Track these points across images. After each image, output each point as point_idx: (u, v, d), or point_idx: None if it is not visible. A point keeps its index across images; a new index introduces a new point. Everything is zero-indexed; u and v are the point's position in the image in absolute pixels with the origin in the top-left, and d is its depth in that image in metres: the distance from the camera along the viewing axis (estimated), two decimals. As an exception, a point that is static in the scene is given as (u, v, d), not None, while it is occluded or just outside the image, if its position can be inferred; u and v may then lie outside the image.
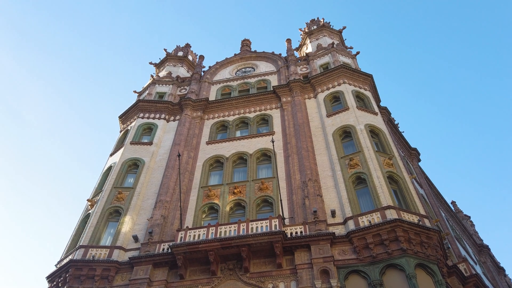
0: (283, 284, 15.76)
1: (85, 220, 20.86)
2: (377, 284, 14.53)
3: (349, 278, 15.27)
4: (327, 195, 19.10)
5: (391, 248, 15.24)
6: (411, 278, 14.22)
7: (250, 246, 16.44)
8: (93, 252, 17.85)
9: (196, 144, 25.08)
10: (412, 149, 29.64)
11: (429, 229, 15.72)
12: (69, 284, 16.93)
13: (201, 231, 17.54)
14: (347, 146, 21.44)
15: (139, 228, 19.72)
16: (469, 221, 34.00)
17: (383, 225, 15.63)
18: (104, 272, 17.17)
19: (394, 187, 18.52)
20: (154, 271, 17.09)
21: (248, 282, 16.01)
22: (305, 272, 15.64)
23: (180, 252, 16.71)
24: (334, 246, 16.31)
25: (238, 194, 20.62)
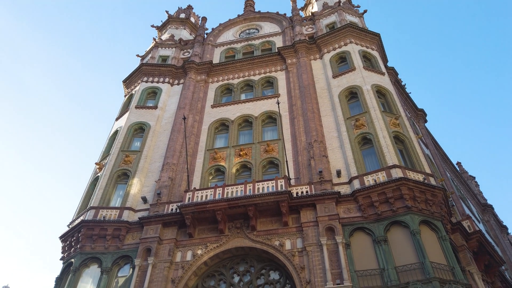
0: (289, 241, 16.15)
1: (94, 182, 21.27)
2: (381, 240, 14.86)
3: (354, 234, 15.61)
4: (333, 155, 19.17)
5: (396, 206, 15.45)
6: (415, 234, 14.51)
7: (256, 206, 16.74)
8: (103, 212, 18.34)
9: (201, 108, 25.01)
10: (418, 110, 29.36)
11: (434, 187, 15.84)
12: (82, 243, 17.52)
13: (208, 192, 17.83)
14: (353, 107, 21.26)
15: (147, 190, 20.10)
16: (473, 181, 34.19)
17: (388, 183, 15.76)
18: (115, 232, 17.72)
19: (400, 147, 18.51)
20: (164, 230, 17.58)
21: (255, 239, 16.43)
22: (310, 229, 15.99)
23: (188, 212, 17.09)
24: (339, 204, 16.55)
25: (244, 156, 20.77)
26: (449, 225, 16.14)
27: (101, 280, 16.47)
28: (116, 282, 16.67)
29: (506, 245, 27.25)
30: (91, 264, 17.26)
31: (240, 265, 16.75)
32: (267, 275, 16.14)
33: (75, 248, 17.77)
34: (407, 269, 13.83)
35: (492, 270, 18.19)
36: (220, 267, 16.78)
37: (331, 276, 14.18)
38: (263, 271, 16.31)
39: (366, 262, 14.62)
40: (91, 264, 17.25)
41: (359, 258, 14.81)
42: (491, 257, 17.70)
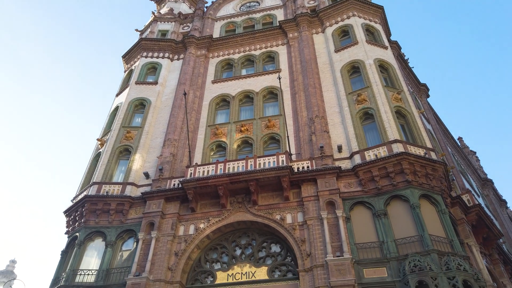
0: (290, 215, 16.37)
1: (96, 158, 21.40)
2: (381, 214, 15.05)
3: (354, 208, 15.80)
4: (334, 131, 19.15)
5: (396, 180, 15.55)
6: (415, 208, 14.67)
7: (258, 181, 16.87)
8: (106, 188, 18.54)
9: (202, 83, 24.81)
10: (421, 85, 29.09)
11: (435, 161, 15.89)
12: (86, 217, 17.81)
13: (210, 167, 17.93)
14: (355, 82, 21.06)
15: (149, 166, 20.24)
16: (474, 156, 34.27)
17: (389, 158, 15.81)
18: (118, 207, 17.97)
19: (401, 122, 18.46)
20: (166, 205, 17.81)
21: (257, 214, 16.66)
22: (311, 204, 16.18)
23: (190, 187, 17.25)
24: (340, 179, 16.67)
25: (245, 132, 20.77)
26: (448, 199, 16.30)
27: (105, 253, 16.84)
28: (121, 255, 17.04)
29: (505, 218, 27.59)
30: (96, 237, 17.60)
31: (242, 238, 17.05)
32: (268, 248, 16.45)
33: (79, 222, 18.08)
34: (406, 241, 14.07)
35: (490, 242, 18.49)
36: (222, 241, 17.10)
37: (331, 249, 14.44)
38: (265, 244, 16.62)
39: (366, 235, 14.86)
40: (95, 238, 17.59)
41: (359, 232, 15.04)
42: (490, 230, 17.95)
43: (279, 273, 15.63)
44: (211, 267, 16.48)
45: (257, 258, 16.17)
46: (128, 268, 16.17)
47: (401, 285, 13.01)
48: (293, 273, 15.33)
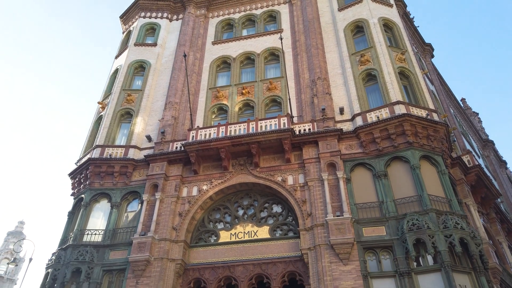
0: (292, 177, 16.60)
1: (98, 122, 21.43)
2: (381, 175, 15.23)
3: (354, 170, 15.98)
4: (336, 93, 18.98)
5: (397, 141, 15.60)
6: (415, 168, 14.83)
7: (259, 143, 16.96)
8: (109, 151, 18.72)
9: (202, 45, 24.33)
10: (426, 45, 28.44)
11: (437, 122, 15.86)
12: (91, 180, 18.12)
13: (212, 130, 17.98)
14: (358, 42, 20.60)
15: (151, 129, 20.29)
16: (476, 117, 34.13)
17: (391, 120, 15.77)
18: (122, 169, 18.22)
19: (404, 83, 18.24)
20: (169, 168, 18.04)
21: (258, 176, 16.89)
22: (312, 166, 16.35)
23: (192, 149, 17.39)
24: (341, 141, 16.73)
25: (247, 94, 20.61)
26: (449, 160, 16.42)
27: (111, 214, 17.29)
28: (126, 216, 17.49)
29: (504, 179, 27.90)
30: (101, 199, 17.99)
31: (244, 199, 17.41)
32: (270, 208, 16.83)
33: (84, 184, 18.42)
34: (405, 201, 14.35)
35: (488, 202, 18.82)
36: (225, 201, 17.46)
37: (332, 209, 14.76)
38: (266, 204, 16.99)
39: (366, 196, 15.13)
40: (101, 199, 17.99)
41: (359, 192, 15.30)
42: (488, 190, 18.21)
43: (280, 232, 16.08)
44: (215, 226, 16.94)
45: (259, 218, 16.59)
46: (133, 228, 16.66)
47: (399, 243, 13.40)
48: (294, 232, 15.77)
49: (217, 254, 15.95)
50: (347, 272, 13.35)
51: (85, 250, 15.90)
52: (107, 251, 16.16)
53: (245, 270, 15.23)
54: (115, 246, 16.29)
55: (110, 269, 15.79)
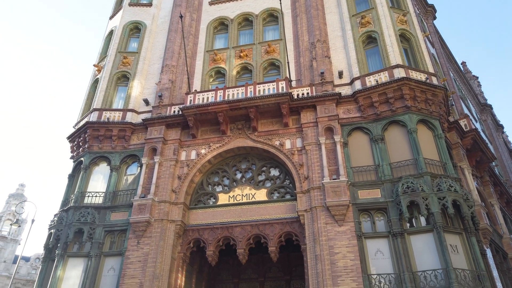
0: (289, 141, 16.72)
1: (94, 85, 21.21)
2: (378, 139, 15.35)
3: (352, 134, 16.08)
4: (335, 56, 18.71)
5: (395, 105, 15.59)
6: (412, 132, 14.93)
7: (257, 107, 16.92)
8: (107, 114, 18.67)
9: (198, 5, 23.63)
10: (428, 6, 27.66)
11: (436, 86, 15.78)
12: (89, 143, 18.21)
13: (210, 94, 17.87)
14: (359, 3, 20.02)
15: (148, 92, 20.14)
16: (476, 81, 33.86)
17: (390, 83, 15.68)
18: (120, 133, 18.26)
19: (405, 46, 17.96)
20: (168, 131, 18.09)
21: (256, 140, 16.99)
22: (310, 130, 16.42)
23: (190, 114, 17.36)
24: (339, 105, 16.70)
25: (245, 57, 20.31)
26: (446, 124, 16.50)
27: (111, 176, 17.52)
28: (126, 179, 17.73)
29: (500, 143, 28.16)
30: (100, 162, 18.15)
31: (242, 163, 17.61)
32: (268, 172, 17.08)
33: (83, 147, 18.52)
34: (401, 165, 14.56)
35: (483, 165, 19.10)
36: (223, 165, 17.67)
37: (328, 172, 14.99)
38: (264, 168, 17.22)
39: (362, 160, 15.32)
40: (100, 162, 18.15)
41: (356, 156, 15.48)
42: (483, 153, 18.42)
43: (277, 195, 16.41)
44: (213, 189, 17.25)
45: (256, 181, 16.86)
46: (133, 191, 16.96)
47: (393, 205, 13.74)
48: (291, 194, 16.09)
49: (215, 216, 16.35)
50: (342, 233, 13.78)
51: (87, 211, 16.27)
52: (108, 212, 16.54)
53: (243, 230, 15.68)
54: (116, 208, 16.64)
55: (111, 230, 16.23)
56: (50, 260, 16.24)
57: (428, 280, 12.27)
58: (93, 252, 15.52)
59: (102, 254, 15.72)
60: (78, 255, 15.81)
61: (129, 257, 15.25)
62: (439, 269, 12.30)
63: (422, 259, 12.74)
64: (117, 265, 15.38)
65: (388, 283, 12.67)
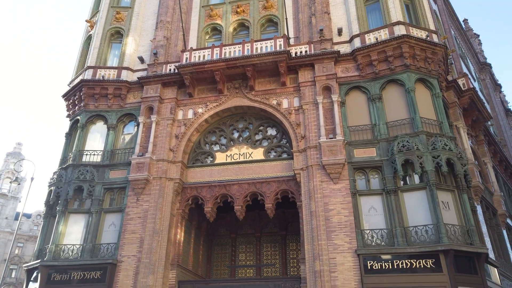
0: (287, 100, 16.64)
1: (87, 41, 20.68)
2: (376, 98, 15.31)
3: (349, 93, 15.99)
4: (335, 12, 18.19)
5: (394, 64, 15.41)
6: (409, 91, 14.87)
7: (255, 66, 16.67)
8: (101, 72, 18.38)
9: (193, -43, 22.52)
10: (433, -40, 26.58)
11: (436, 44, 15.52)
12: (85, 102, 18.06)
13: (206, 52, 17.52)
14: (361, -44, 19.14)
15: (143, 50, 19.69)
16: (477, 39, 33.25)
17: (390, 41, 15.38)
18: (116, 91, 18.07)
19: (406, 1, 17.42)
20: (164, 90, 17.91)
21: (253, 99, 16.89)
22: (308, 89, 16.29)
23: (186, 72, 17.11)
24: (338, 64, 16.47)
25: (242, 13, 19.72)
26: (444, 83, 16.39)
27: (108, 135, 17.55)
28: (123, 138, 17.78)
29: (497, 102, 28.16)
30: (97, 121, 18.11)
31: (239, 122, 17.62)
32: (265, 131, 17.14)
33: (79, 106, 18.39)
34: (398, 124, 14.64)
35: (478, 124, 19.20)
36: (220, 124, 17.69)
37: (325, 131, 15.06)
38: (261, 127, 17.26)
39: (359, 119, 15.36)
40: (97, 121, 18.11)
41: (353, 115, 15.50)
42: (480, 113, 18.47)
43: (274, 153, 16.58)
44: (211, 148, 17.38)
45: (254, 141, 16.97)
46: (131, 149, 17.06)
47: (388, 163, 13.96)
48: (287, 153, 16.26)
49: (213, 174, 16.59)
50: (337, 190, 14.10)
51: (85, 169, 16.44)
52: (106, 170, 16.73)
53: (240, 188, 15.98)
54: (114, 166, 16.82)
55: (111, 187, 16.50)
56: (52, 216, 16.62)
57: (419, 234, 12.74)
58: (93, 209, 15.87)
59: (102, 211, 16.09)
60: (78, 212, 16.18)
61: (129, 213, 15.63)
62: (430, 224, 12.73)
63: (414, 216, 13.14)
64: (118, 221, 15.80)
65: (380, 237, 13.15)
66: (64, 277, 14.81)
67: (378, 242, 13.09)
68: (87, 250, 15.13)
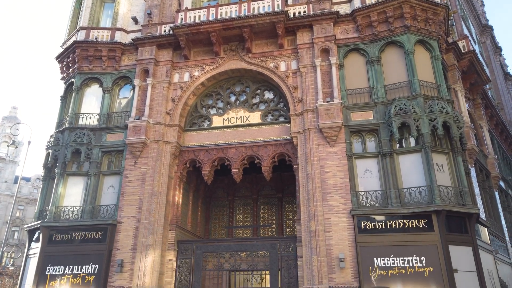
0: (284, 63, 16.41)
1: (79, 1, 19.98)
2: (374, 61, 15.11)
3: (348, 56, 15.76)
4: (335, -32, 17.51)
5: (394, 25, 15.08)
6: (409, 54, 14.66)
7: (252, 27, 16.28)
8: (94, 33, 17.94)
9: None
10: None
11: (437, 4, 15.12)
12: (79, 64, 17.74)
13: (201, 12, 17.04)
14: None
15: (137, 10, 19.10)
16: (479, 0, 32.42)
17: (391, 1, 14.94)
18: (110, 53, 17.71)
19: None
20: (159, 52, 17.56)
21: (251, 62, 16.63)
22: (306, 51, 16.03)
23: (182, 33, 16.71)
24: (337, 25, 16.10)
25: (238, -31, 18.97)
26: (444, 45, 16.13)
27: (104, 98, 17.39)
28: (119, 102, 17.64)
29: (496, 65, 27.86)
30: (92, 84, 17.87)
31: (236, 85, 17.45)
32: (262, 95, 17.03)
33: (73, 68, 18.09)
34: (395, 87, 14.55)
35: (476, 88, 19.10)
36: (217, 88, 17.52)
37: (322, 95, 14.98)
38: (258, 91, 17.13)
39: (357, 82, 15.24)
40: (92, 84, 17.87)
41: (351, 78, 15.36)
42: (478, 75, 18.31)
43: (271, 117, 16.56)
44: (208, 112, 17.31)
45: (251, 104, 16.88)
46: (127, 113, 16.98)
47: (384, 126, 14.01)
48: (285, 117, 16.23)
49: (210, 138, 16.63)
50: (333, 153, 14.23)
51: (82, 132, 16.43)
52: (103, 133, 16.72)
53: (237, 152, 16.09)
54: (111, 129, 16.80)
55: (108, 150, 16.56)
56: (50, 178, 16.77)
57: (413, 196, 13.01)
58: (91, 171, 16.02)
59: (101, 173, 16.25)
60: (77, 174, 16.33)
61: (127, 176, 15.80)
62: (423, 186, 12.98)
63: (409, 178, 13.37)
64: (116, 184, 16.00)
65: (375, 199, 13.43)
66: (65, 237, 15.21)
67: (372, 203, 13.39)
68: (87, 212, 15.42)
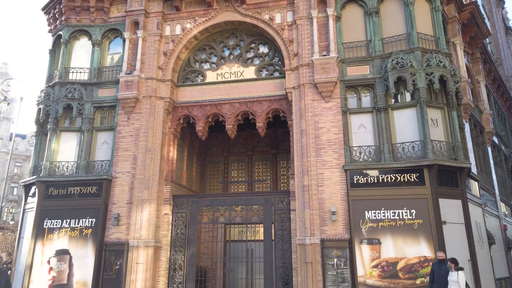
0: (280, 15, 15.84)
1: None
2: (373, 12, 14.59)
3: (346, 7, 15.19)
4: None
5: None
6: (408, 4, 14.14)
7: (246, -25, 15.55)
8: (80, -18, 17.08)
9: None
10: None
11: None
12: (66, 15, 17.05)
13: (192, -42, 16.16)
14: None
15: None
16: (487, -51, 30.95)
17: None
18: (98, 3, 16.94)
19: None
20: (149, 3, 16.80)
21: (245, 13, 16.04)
22: (302, 2, 15.41)
23: (172, -18, 15.95)
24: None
25: None
26: (445, -5, 15.57)
27: (94, 52, 16.87)
28: (111, 57, 17.14)
29: (498, 19, 27.13)
30: (81, 36, 17.26)
31: (230, 39, 16.94)
32: (257, 49, 16.58)
33: (60, 20, 17.41)
34: (393, 40, 14.16)
35: (476, 42, 18.64)
36: (210, 41, 17.01)
37: (318, 48, 14.60)
38: (253, 45, 16.66)
39: (354, 35, 14.80)
40: (80, 37, 17.27)
41: (348, 31, 14.91)
42: (479, 29, 17.81)
43: (266, 72, 16.23)
44: (201, 67, 16.92)
45: (245, 59, 16.48)
46: (119, 67, 16.54)
47: (380, 81, 13.79)
48: (279, 72, 15.91)
49: (204, 93, 16.37)
50: (328, 109, 14.10)
51: (73, 87, 16.10)
52: (95, 89, 16.41)
53: (231, 107, 15.91)
54: (103, 84, 16.46)
55: (100, 106, 16.33)
56: (43, 134, 16.66)
57: (406, 150, 13.07)
58: (84, 127, 15.88)
59: (94, 129, 16.13)
60: (70, 130, 16.19)
61: (121, 131, 15.70)
62: (417, 141, 13.00)
63: (403, 133, 13.36)
64: (110, 139, 15.93)
65: (368, 154, 13.50)
66: (61, 191, 15.36)
67: (366, 158, 13.47)
68: (81, 167, 15.47)
